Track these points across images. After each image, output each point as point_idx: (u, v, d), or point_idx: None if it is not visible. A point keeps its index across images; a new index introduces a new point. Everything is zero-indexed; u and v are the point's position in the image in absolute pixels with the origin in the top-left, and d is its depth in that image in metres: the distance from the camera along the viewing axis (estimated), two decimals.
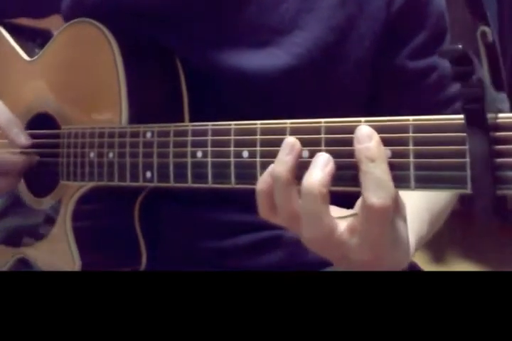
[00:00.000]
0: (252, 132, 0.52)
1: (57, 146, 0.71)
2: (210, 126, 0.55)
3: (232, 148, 0.53)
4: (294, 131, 0.50)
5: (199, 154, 0.56)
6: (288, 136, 0.49)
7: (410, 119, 0.45)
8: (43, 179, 0.74)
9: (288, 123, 0.50)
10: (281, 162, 0.47)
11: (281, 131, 0.50)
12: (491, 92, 0.40)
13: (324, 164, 0.46)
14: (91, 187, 0.68)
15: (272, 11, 0.67)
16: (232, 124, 0.53)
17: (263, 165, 0.51)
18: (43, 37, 0.81)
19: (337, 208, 0.49)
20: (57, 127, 0.72)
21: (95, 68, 0.68)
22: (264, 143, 0.51)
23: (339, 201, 0.49)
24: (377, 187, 0.44)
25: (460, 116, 0.43)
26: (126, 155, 0.62)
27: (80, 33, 0.70)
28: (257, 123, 0.52)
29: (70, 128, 0.70)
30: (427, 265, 1.65)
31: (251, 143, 0.52)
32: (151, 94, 0.68)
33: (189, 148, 0.57)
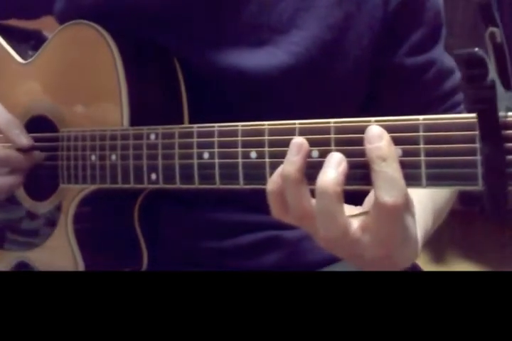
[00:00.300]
0: (259, 133, 0.52)
1: (56, 149, 0.71)
2: (217, 127, 0.55)
3: (239, 149, 0.54)
4: (303, 131, 0.50)
5: (205, 155, 0.56)
6: (296, 136, 0.49)
7: (420, 119, 0.46)
8: (41, 183, 0.74)
9: (297, 123, 0.50)
10: (290, 162, 0.48)
11: (290, 131, 0.50)
12: (500, 91, 0.41)
13: (338, 163, 0.47)
14: (92, 189, 0.68)
15: (270, 10, 0.67)
16: (239, 125, 0.54)
17: (272, 165, 0.51)
18: (36, 38, 0.80)
19: (347, 206, 0.49)
20: (55, 130, 0.72)
21: (94, 70, 0.67)
22: (273, 144, 0.52)
23: (346, 198, 0.50)
24: (389, 186, 0.45)
25: (469, 115, 0.44)
26: (129, 157, 0.62)
27: (78, 35, 0.69)
28: (265, 124, 0.52)
29: (69, 131, 0.69)
30: (427, 265, 1.65)
31: (259, 144, 0.52)
32: (151, 95, 0.68)
33: (195, 150, 0.57)
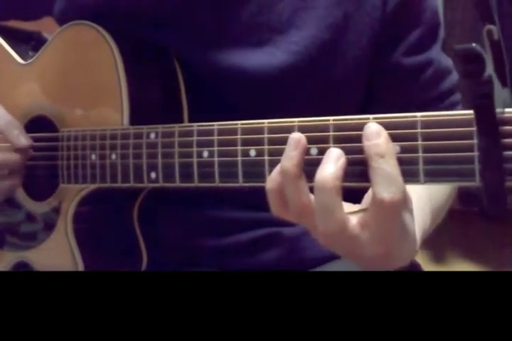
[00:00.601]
0: (259, 131, 0.53)
1: (56, 149, 0.71)
2: (216, 125, 0.56)
3: (239, 147, 0.54)
4: (302, 129, 0.50)
5: (205, 154, 0.56)
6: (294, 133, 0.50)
7: (418, 115, 0.46)
8: (41, 183, 0.74)
9: (296, 121, 0.51)
10: (288, 157, 0.48)
11: (289, 129, 0.51)
12: (497, 87, 0.41)
13: (336, 158, 0.47)
14: (92, 189, 0.68)
15: (270, 10, 0.67)
16: (239, 124, 0.54)
17: (271, 163, 0.52)
18: (36, 39, 0.81)
19: (346, 203, 0.50)
20: (55, 130, 0.72)
21: (94, 70, 0.68)
22: (272, 142, 0.52)
23: (344, 196, 0.50)
24: (386, 183, 0.45)
25: (466, 112, 0.44)
26: (129, 156, 0.62)
27: (78, 36, 0.69)
28: (265, 122, 0.53)
29: (69, 131, 0.70)
30: (427, 265, 1.64)
31: (258, 142, 0.53)
32: (151, 95, 0.68)
33: (195, 148, 0.57)
